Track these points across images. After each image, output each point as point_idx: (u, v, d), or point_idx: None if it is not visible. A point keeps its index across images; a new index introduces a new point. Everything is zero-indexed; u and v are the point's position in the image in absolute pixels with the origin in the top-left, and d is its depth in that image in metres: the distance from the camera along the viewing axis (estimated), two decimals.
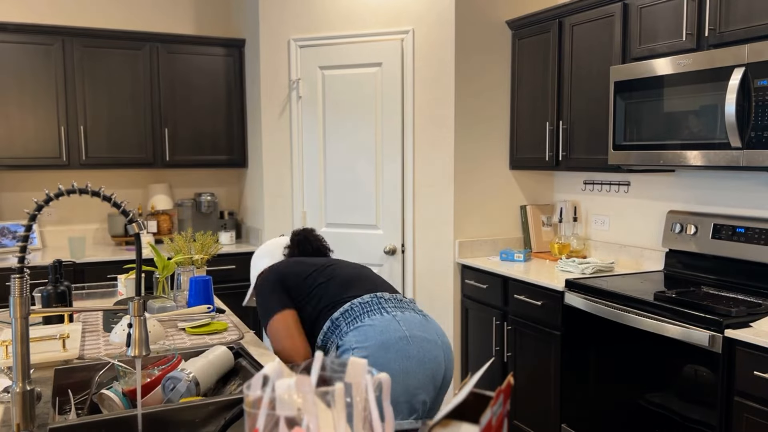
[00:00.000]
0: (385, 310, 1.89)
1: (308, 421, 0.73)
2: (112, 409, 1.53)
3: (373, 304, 1.89)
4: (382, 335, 1.79)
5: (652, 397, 2.52)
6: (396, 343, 1.79)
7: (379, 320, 1.83)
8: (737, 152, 2.38)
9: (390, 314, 1.87)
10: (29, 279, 1.31)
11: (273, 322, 1.91)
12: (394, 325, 1.83)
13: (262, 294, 1.98)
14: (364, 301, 1.89)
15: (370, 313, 1.86)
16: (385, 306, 1.90)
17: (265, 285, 2.00)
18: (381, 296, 1.92)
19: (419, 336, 1.84)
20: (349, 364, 0.83)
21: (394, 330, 1.82)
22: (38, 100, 3.92)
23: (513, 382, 1.89)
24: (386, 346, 1.78)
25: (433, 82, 3.63)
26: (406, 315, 1.90)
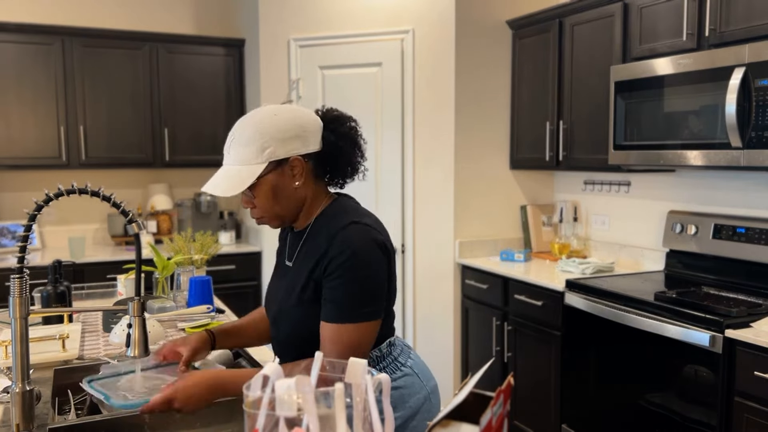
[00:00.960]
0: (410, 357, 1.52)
1: (308, 421, 0.73)
2: (112, 409, 1.52)
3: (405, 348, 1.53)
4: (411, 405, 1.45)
5: (652, 397, 2.52)
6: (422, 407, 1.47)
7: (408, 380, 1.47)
8: (737, 152, 2.37)
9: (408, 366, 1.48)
10: (29, 279, 1.31)
11: (369, 326, 1.33)
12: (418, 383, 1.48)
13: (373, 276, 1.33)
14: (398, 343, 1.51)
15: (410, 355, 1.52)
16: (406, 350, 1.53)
17: (379, 267, 1.34)
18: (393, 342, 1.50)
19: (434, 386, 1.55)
20: (350, 365, 0.83)
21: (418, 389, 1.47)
22: (38, 100, 3.92)
23: (513, 382, 1.88)
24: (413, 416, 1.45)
25: (433, 82, 3.63)
26: (416, 360, 1.53)
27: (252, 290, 4.27)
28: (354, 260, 1.31)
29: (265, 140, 1.32)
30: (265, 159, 1.33)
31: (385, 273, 1.36)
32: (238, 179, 1.32)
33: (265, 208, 1.38)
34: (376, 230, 1.37)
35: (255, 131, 1.33)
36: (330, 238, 1.34)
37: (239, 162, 1.34)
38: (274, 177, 1.35)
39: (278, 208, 1.39)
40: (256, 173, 1.32)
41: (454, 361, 3.74)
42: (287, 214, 1.41)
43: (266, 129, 1.33)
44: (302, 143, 1.35)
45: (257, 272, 4.28)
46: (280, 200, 1.38)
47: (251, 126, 1.34)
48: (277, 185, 1.36)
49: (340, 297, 1.31)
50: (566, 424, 2.97)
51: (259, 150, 1.32)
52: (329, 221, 1.40)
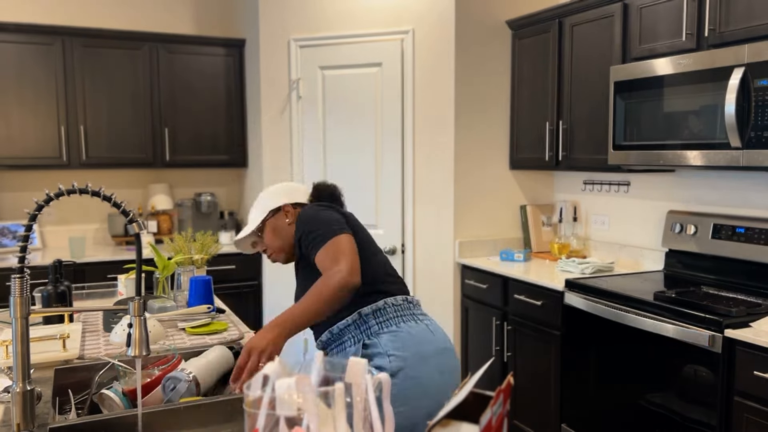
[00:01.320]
0: (417, 317, 1.80)
1: (308, 421, 0.73)
2: (112, 409, 1.53)
3: (405, 308, 1.79)
4: (419, 346, 1.72)
5: (652, 397, 2.52)
6: (433, 356, 1.73)
7: (415, 328, 1.75)
8: (737, 152, 2.38)
9: (423, 323, 1.79)
10: (29, 279, 1.31)
11: (341, 238, 1.71)
12: (430, 336, 1.76)
13: (319, 214, 1.79)
14: (397, 302, 1.78)
15: (404, 318, 1.76)
16: (416, 312, 1.81)
17: (323, 208, 1.83)
18: (411, 300, 1.83)
19: (450, 348, 1.80)
20: (349, 364, 0.83)
21: (430, 341, 1.75)
22: (38, 100, 3.92)
23: (513, 382, 1.89)
24: (424, 359, 1.71)
25: (433, 82, 3.64)
26: (434, 324, 1.83)
27: (252, 290, 4.27)
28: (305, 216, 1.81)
29: (264, 201, 1.95)
30: (265, 211, 1.92)
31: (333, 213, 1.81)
32: (251, 223, 1.94)
33: (270, 244, 1.90)
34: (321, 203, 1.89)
35: (259, 201, 1.96)
36: None
37: (251, 222, 1.95)
38: (273, 221, 1.91)
39: (278, 242, 1.89)
40: (259, 220, 1.91)
41: None
42: (285, 248, 1.89)
43: (264, 196, 1.97)
44: (289, 197, 1.93)
45: (257, 272, 4.28)
46: (279, 236, 1.89)
47: (257, 200, 1.98)
48: (276, 225, 1.90)
49: (309, 238, 1.75)
50: (566, 424, 2.97)
51: (262, 209, 1.93)
52: None
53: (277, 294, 4.15)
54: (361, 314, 1.74)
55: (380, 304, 1.75)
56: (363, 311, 1.74)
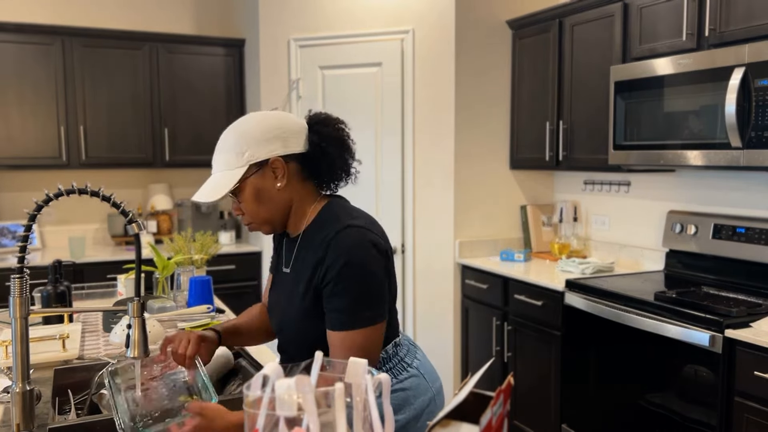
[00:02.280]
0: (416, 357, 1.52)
1: (308, 421, 0.73)
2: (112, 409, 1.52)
3: (411, 347, 1.53)
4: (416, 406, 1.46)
5: (652, 397, 2.52)
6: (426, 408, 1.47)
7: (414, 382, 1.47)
8: (737, 152, 2.37)
9: (414, 366, 1.49)
10: (29, 279, 1.31)
11: (375, 329, 1.33)
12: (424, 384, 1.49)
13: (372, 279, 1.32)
14: (401, 342, 1.50)
15: (416, 356, 1.52)
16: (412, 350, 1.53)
17: (377, 269, 1.34)
18: (398, 342, 1.50)
19: (440, 387, 1.56)
20: (350, 364, 0.83)
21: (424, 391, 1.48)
22: (38, 100, 3.92)
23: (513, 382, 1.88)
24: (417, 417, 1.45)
25: (433, 82, 3.63)
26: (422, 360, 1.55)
27: (252, 290, 4.27)
28: (351, 265, 1.30)
29: (243, 144, 1.34)
30: (245, 162, 1.34)
31: (383, 274, 1.35)
32: (222, 184, 1.34)
33: (251, 212, 1.39)
34: (371, 231, 1.36)
35: (235, 137, 1.35)
36: (326, 245, 1.33)
37: (222, 168, 1.36)
38: (256, 179, 1.36)
39: (264, 212, 1.39)
40: (236, 177, 1.34)
41: (454, 361, 3.74)
42: (274, 218, 1.41)
43: (245, 133, 1.35)
44: (282, 144, 1.36)
45: (257, 272, 4.28)
46: (264, 203, 1.38)
47: (232, 132, 1.37)
48: (260, 188, 1.37)
49: (342, 304, 1.31)
50: (566, 424, 2.97)
51: (239, 154, 1.34)
52: (323, 226, 1.38)
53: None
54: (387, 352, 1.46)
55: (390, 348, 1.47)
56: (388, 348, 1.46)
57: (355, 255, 1.31)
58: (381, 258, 1.35)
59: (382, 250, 1.36)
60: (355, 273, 1.31)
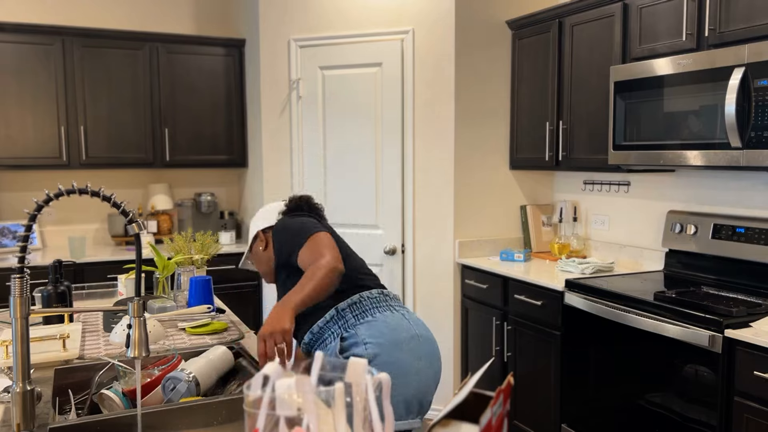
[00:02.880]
0: (393, 307, 1.87)
1: (308, 421, 0.73)
2: (112, 409, 1.53)
3: (381, 300, 1.86)
4: (394, 333, 1.78)
5: (652, 397, 2.52)
6: (408, 341, 1.79)
7: (390, 317, 1.82)
8: (737, 152, 2.38)
9: (399, 312, 1.86)
10: (29, 279, 1.31)
11: (318, 234, 1.82)
12: (405, 324, 1.82)
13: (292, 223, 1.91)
14: (372, 295, 1.85)
15: (379, 309, 1.83)
16: (392, 304, 1.88)
17: (294, 216, 1.96)
18: (387, 293, 1.90)
19: (426, 336, 1.86)
20: (349, 364, 0.83)
21: (405, 329, 1.81)
22: (38, 100, 3.92)
23: (513, 382, 1.89)
24: (399, 345, 1.77)
25: (433, 82, 3.64)
26: (411, 314, 1.90)
27: (252, 290, 4.27)
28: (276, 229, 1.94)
29: (251, 229, 2.11)
30: (249, 241, 2.10)
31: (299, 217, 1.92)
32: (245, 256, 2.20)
33: (258, 269, 2.08)
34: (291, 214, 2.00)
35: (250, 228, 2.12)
36: None
37: None
38: (254, 248, 2.07)
39: (262, 267, 2.04)
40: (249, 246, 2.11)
41: (454, 360, 3.74)
42: (269, 271, 2.02)
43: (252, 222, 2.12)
44: (264, 221, 2.05)
45: (257, 272, 4.28)
46: (259, 262, 2.04)
47: None
48: (255, 253, 2.05)
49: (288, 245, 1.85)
50: (566, 424, 2.97)
51: (250, 235, 2.10)
52: None
53: (276, 294, 4.14)
54: (338, 309, 1.81)
55: (356, 298, 1.82)
56: (340, 306, 1.81)
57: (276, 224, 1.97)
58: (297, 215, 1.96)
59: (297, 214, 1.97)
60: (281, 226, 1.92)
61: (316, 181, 3.95)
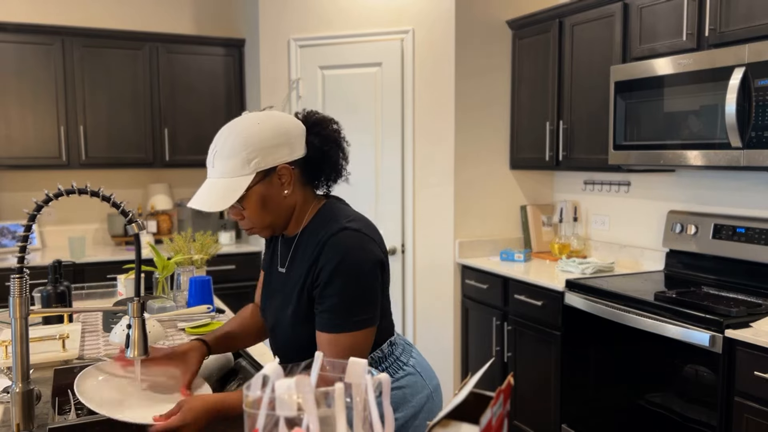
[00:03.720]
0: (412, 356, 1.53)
1: (308, 421, 0.73)
2: None
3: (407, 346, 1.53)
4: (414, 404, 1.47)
5: (652, 397, 2.52)
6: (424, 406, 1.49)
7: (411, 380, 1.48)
8: (737, 152, 2.37)
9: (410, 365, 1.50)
10: (29, 279, 1.31)
11: (364, 333, 1.32)
12: (421, 382, 1.49)
13: (366, 282, 1.31)
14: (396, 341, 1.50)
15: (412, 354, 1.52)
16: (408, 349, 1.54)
17: (371, 272, 1.33)
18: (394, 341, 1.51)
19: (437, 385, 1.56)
20: (350, 364, 0.83)
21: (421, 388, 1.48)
22: (38, 100, 3.92)
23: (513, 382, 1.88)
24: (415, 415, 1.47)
25: (433, 82, 3.63)
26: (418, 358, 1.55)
27: (252, 290, 4.27)
28: (345, 268, 1.29)
29: (250, 151, 1.29)
30: (252, 170, 1.29)
31: (377, 278, 1.34)
32: (225, 192, 1.29)
33: (255, 219, 1.36)
34: (367, 235, 1.34)
35: (239, 142, 1.29)
36: (321, 245, 1.32)
37: (225, 174, 1.30)
38: (263, 187, 1.33)
39: (269, 218, 1.37)
40: (243, 186, 1.29)
41: (454, 361, 3.74)
42: (278, 223, 1.40)
43: (251, 139, 1.29)
44: (289, 150, 1.33)
45: (257, 272, 4.28)
46: (270, 210, 1.35)
47: (234, 136, 1.30)
48: (267, 195, 1.34)
49: (333, 306, 1.30)
50: (566, 424, 2.97)
51: (245, 161, 1.29)
52: (320, 227, 1.37)
53: None
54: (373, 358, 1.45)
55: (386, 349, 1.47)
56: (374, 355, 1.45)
57: (348, 257, 1.29)
58: (376, 263, 1.33)
59: (377, 253, 1.34)
60: (348, 275, 1.29)
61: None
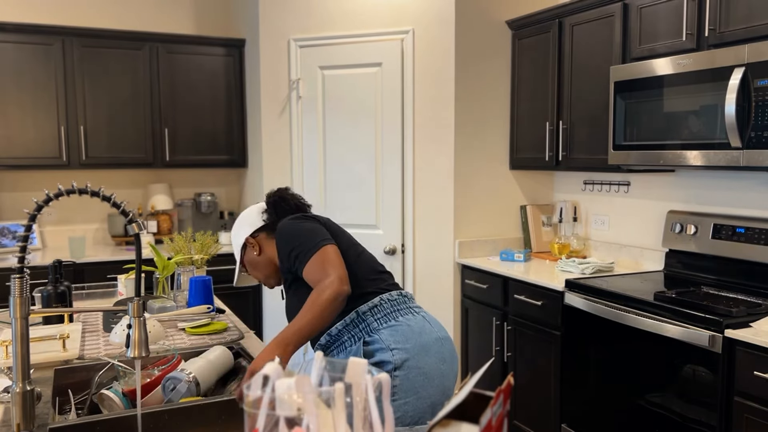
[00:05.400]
0: (414, 310, 1.82)
1: (308, 421, 0.73)
2: (112, 409, 1.53)
3: (401, 302, 1.81)
4: (420, 337, 1.75)
5: (652, 397, 2.52)
6: (433, 345, 1.76)
7: (413, 321, 1.78)
8: (737, 152, 2.38)
9: (420, 314, 1.82)
10: (29, 279, 1.31)
11: (327, 248, 1.70)
12: (428, 327, 1.79)
13: (298, 227, 1.77)
14: (393, 297, 1.80)
15: (401, 312, 1.79)
16: (412, 306, 1.84)
17: (299, 219, 1.81)
18: (405, 294, 1.85)
19: (447, 337, 1.84)
20: (349, 364, 0.83)
21: (428, 332, 1.78)
22: (38, 100, 3.92)
23: (513, 382, 1.89)
24: (426, 349, 1.74)
25: (433, 82, 3.63)
26: (430, 315, 1.86)
27: (252, 290, 4.27)
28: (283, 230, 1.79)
29: (234, 240, 1.94)
30: (237, 250, 1.92)
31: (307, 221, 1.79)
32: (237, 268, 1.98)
33: (256, 276, 1.93)
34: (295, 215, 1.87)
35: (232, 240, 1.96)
36: None
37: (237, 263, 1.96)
38: (246, 256, 1.91)
39: (261, 273, 1.90)
40: (237, 260, 1.93)
41: None
42: (270, 275, 1.90)
43: (232, 233, 1.96)
44: (249, 227, 1.90)
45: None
46: (257, 268, 1.90)
47: None
48: (249, 261, 1.90)
49: (293, 255, 1.74)
50: (566, 424, 2.97)
51: (236, 249, 1.93)
52: None
53: (276, 294, 4.15)
54: (359, 313, 1.76)
55: (376, 300, 1.77)
56: (360, 309, 1.76)
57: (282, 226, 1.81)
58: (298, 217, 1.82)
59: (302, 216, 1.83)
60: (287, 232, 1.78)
61: (315, 180, 3.95)
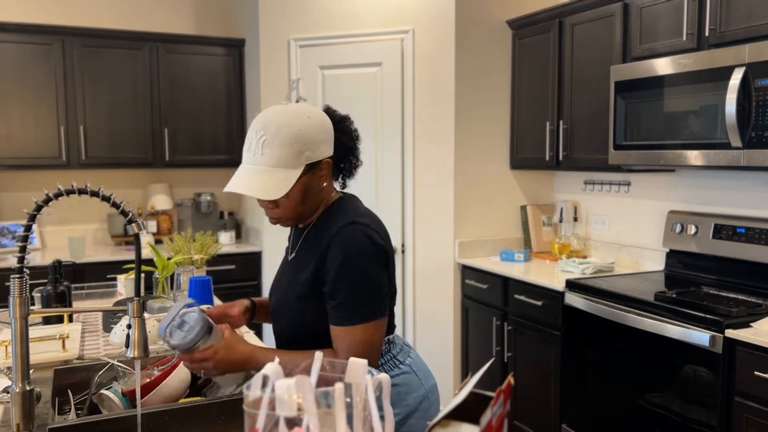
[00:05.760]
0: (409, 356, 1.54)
1: (308, 421, 0.73)
2: (112, 410, 1.52)
3: (404, 346, 1.56)
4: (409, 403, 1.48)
5: (652, 397, 2.52)
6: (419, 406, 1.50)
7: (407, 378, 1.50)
8: (737, 152, 2.37)
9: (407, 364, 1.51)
10: (29, 279, 1.31)
11: (376, 324, 1.36)
12: (416, 381, 1.51)
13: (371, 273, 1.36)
14: (398, 341, 1.54)
15: (409, 354, 1.54)
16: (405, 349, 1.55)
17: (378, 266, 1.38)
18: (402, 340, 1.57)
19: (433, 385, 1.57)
20: (350, 364, 0.83)
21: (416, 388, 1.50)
22: (38, 100, 3.92)
23: (513, 382, 1.88)
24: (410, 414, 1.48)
25: (433, 82, 3.63)
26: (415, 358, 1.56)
27: (252, 290, 4.27)
28: (351, 261, 1.35)
29: (304, 144, 1.34)
30: (303, 162, 1.34)
31: (383, 272, 1.39)
32: (277, 182, 1.32)
33: (291, 208, 1.39)
34: (374, 230, 1.39)
35: (293, 134, 1.33)
36: (329, 239, 1.38)
37: (275, 164, 1.33)
38: (307, 179, 1.38)
39: (303, 208, 1.41)
40: (294, 176, 1.33)
41: (454, 361, 3.74)
42: (308, 213, 1.45)
43: (304, 132, 1.34)
44: (329, 145, 1.40)
45: (257, 272, 4.28)
46: (307, 201, 1.40)
47: (287, 128, 1.33)
48: (309, 187, 1.39)
49: (344, 299, 1.35)
50: (566, 424, 2.97)
51: (298, 153, 1.33)
52: (331, 220, 1.43)
53: None
54: None
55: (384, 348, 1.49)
56: None
57: (354, 251, 1.35)
58: (380, 256, 1.39)
59: (381, 247, 1.39)
60: (355, 269, 1.35)
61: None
